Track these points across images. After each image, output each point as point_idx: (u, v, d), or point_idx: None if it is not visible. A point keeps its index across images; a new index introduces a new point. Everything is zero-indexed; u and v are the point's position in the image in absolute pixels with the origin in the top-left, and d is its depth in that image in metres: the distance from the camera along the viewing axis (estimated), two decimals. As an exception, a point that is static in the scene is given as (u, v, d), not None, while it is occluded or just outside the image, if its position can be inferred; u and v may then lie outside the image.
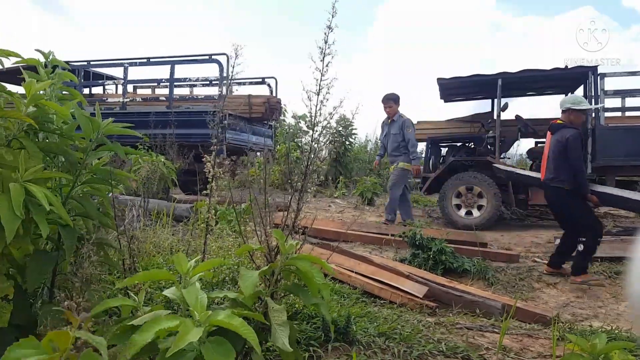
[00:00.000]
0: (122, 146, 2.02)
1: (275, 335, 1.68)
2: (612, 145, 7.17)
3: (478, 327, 3.48)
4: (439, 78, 8.07)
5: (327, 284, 1.83)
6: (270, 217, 2.09)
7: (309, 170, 2.08)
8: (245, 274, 1.81)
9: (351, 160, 13.35)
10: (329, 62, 2.21)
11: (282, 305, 1.78)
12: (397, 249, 5.94)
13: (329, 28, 2.14)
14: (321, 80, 2.21)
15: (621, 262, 5.31)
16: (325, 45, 2.16)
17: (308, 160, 2.08)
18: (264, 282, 1.99)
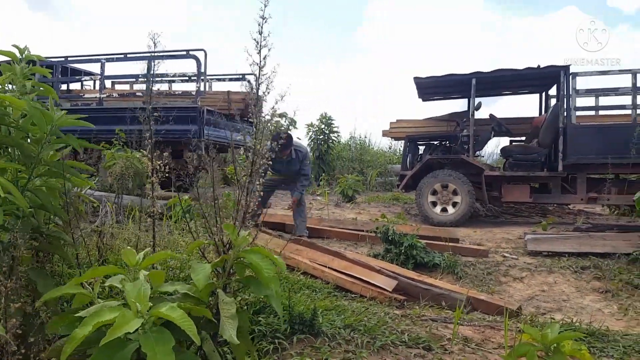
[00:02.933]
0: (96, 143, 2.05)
1: (224, 327, 1.72)
2: (583, 143, 7.33)
3: (442, 319, 3.56)
4: (415, 77, 8.18)
5: (277, 277, 1.88)
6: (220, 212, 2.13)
7: (255, 167, 2.11)
8: (197, 267, 1.85)
9: (334, 158, 13.43)
10: (266, 55, 2.19)
11: (231, 298, 1.82)
12: (372, 244, 6.03)
13: (262, 18, 2.13)
14: (259, 75, 2.20)
15: (588, 257, 5.45)
16: (260, 37, 2.15)
17: (253, 156, 2.11)
18: (216, 276, 2.04)
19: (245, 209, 2.21)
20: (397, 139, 11.25)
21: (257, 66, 2.25)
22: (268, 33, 2.21)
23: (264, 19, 2.19)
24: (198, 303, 1.92)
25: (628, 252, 5.23)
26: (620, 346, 3.11)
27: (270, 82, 2.28)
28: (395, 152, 14.89)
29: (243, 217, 2.21)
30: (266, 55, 2.24)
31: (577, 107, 7.53)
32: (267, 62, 2.25)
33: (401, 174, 8.61)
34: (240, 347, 1.89)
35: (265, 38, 2.21)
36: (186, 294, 1.91)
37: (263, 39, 2.21)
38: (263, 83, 2.28)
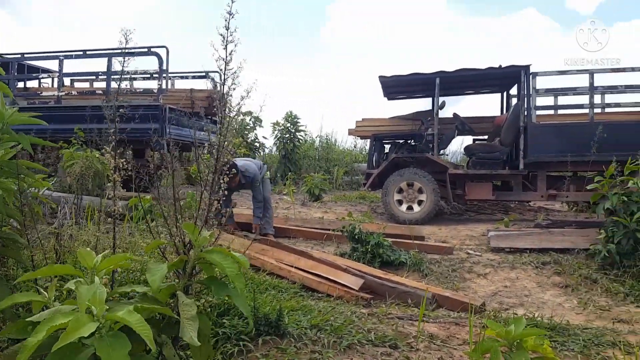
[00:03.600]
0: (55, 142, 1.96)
1: (184, 330, 1.67)
2: (543, 142, 7.50)
3: (409, 317, 3.58)
4: (380, 76, 8.22)
5: (241, 275, 1.83)
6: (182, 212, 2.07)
7: (219, 164, 2.05)
8: (154, 267, 1.79)
9: (300, 157, 13.39)
10: (232, 51, 2.15)
11: (191, 300, 1.77)
12: (338, 243, 6.02)
13: (229, 14, 2.09)
14: (225, 70, 2.16)
15: (548, 253, 5.59)
16: (227, 33, 2.11)
17: (217, 154, 2.06)
18: (177, 277, 1.97)
19: (208, 208, 2.16)
20: (363, 138, 11.31)
21: (223, 61, 2.22)
22: (235, 28, 2.20)
23: (231, 15, 2.18)
24: (158, 304, 1.86)
25: (586, 247, 5.38)
26: (581, 340, 3.18)
27: (236, 77, 2.27)
28: (362, 150, 14.96)
29: (206, 216, 2.15)
30: (232, 50, 2.22)
31: (537, 106, 7.70)
32: (233, 57, 2.24)
33: (367, 173, 8.64)
34: (201, 350, 1.84)
35: (231, 33, 2.20)
36: (145, 296, 1.85)
37: (230, 34, 2.19)
38: (229, 78, 2.26)
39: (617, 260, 4.86)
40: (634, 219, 4.81)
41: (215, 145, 2.23)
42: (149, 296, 1.76)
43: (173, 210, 2.18)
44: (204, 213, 2.14)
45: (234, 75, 2.27)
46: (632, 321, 3.78)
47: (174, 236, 2.08)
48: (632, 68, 7.42)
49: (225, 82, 2.28)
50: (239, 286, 1.83)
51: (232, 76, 2.27)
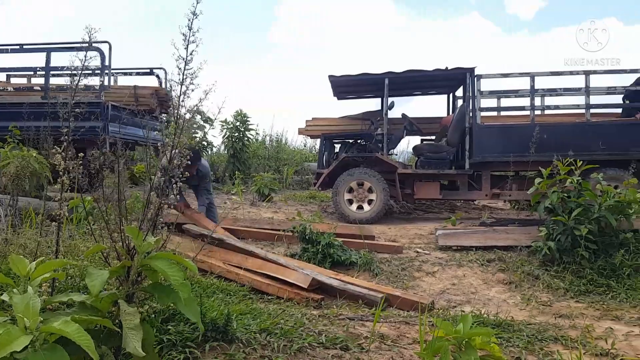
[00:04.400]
0: None
1: (127, 340, 1.58)
2: (487, 142, 7.73)
3: (360, 317, 3.58)
4: (330, 75, 8.23)
5: (186, 283, 1.75)
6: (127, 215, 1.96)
7: (172, 165, 1.97)
8: (94, 273, 1.68)
9: (250, 156, 13.21)
10: (193, 51, 2.10)
11: (134, 308, 1.67)
12: (289, 244, 5.96)
13: (193, 14, 2.04)
14: (185, 70, 2.10)
15: (493, 250, 5.74)
16: (190, 32, 2.06)
17: (170, 154, 1.97)
18: (120, 284, 1.87)
19: (156, 211, 2.06)
20: (313, 137, 11.30)
21: (182, 61, 2.19)
22: (197, 29, 2.18)
23: (195, 15, 2.16)
24: (97, 314, 1.75)
25: (528, 244, 5.57)
26: (525, 335, 3.27)
27: (195, 77, 2.24)
28: (312, 149, 14.95)
29: (154, 219, 2.05)
30: (193, 50, 2.21)
31: (482, 107, 7.93)
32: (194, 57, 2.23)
33: (317, 172, 8.63)
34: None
35: (194, 33, 2.18)
36: (84, 305, 1.73)
37: (192, 34, 2.18)
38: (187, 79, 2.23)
39: (557, 256, 5.05)
40: (572, 216, 5.01)
41: (169, 145, 2.16)
42: (89, 305, 1.65)
43: (117, 212, 2.06)
44: (152, 217, 2.03)
45: (193, 75, 2.24)
46: (572, 316, 3.93)
47: (115, 241, 1.97)
48: (570, 72, 7.77)
49: (183, 82, 2.24)
50: (185, 295, 1.74)
51: (191, 76, 2.24)
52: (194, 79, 2.11)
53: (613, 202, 5.08)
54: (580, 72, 7.63)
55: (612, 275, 4.73)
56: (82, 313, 1.60)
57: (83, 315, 1.55)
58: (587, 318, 3.88)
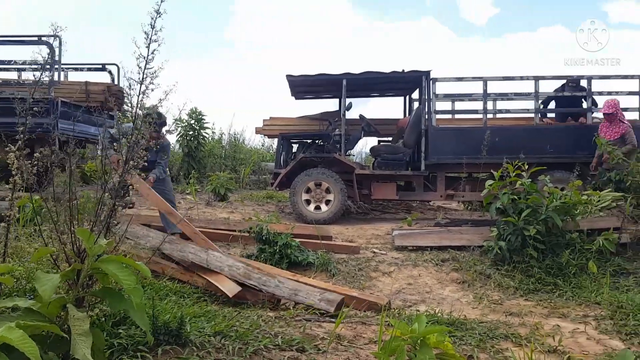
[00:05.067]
0: None
1: (76, 347, 1.51)
2: (442, 144, 7.90)
3: (316, 318, 3.57)
4: (288, 75, 8.21)
5: (138, 288, 1.69)
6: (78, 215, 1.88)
7: (128, 165, 1.90)
8: (43, 277, 1.60)
9: (205, 155, 12.99)
10: (155, 50, 2.05)
11: (83, 313, 1.60)
12: (245, 245, 5.90)
13: (157, 13, 1.98)
14: (145, 69, 2.04)
15: (447, 250, 5.86)
16: (152, 31, 2.00)
17: (127, 155, 1.90)
18: (70, 287, 1.78)
19: (110, 213, 1.98)
20: (271, 137, 11.23)
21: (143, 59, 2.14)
22: (160, 27, 2.14)
23: (159, 14, 2.11)
24: (44, 319, 1.66)
25: (481, 244, 5.71)
26: (477, 333, 3.35)
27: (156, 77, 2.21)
28: (270, 149, 14.87)
29: (107, 222, 1.97)
30: (155, 49, 2.17)
31: (437, 110, 8.09)
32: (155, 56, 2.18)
33: (275, 172, 8.58)
34: (93, 369, 1.67)
35: (156, 32, 2.14)
36: (30, 310, 1.65)
37: (154, 33, 2.13)
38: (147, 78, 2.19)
39: (507, 256, 5.21)
40: (522, 217, 5.18)
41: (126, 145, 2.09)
42: (36, 310, 1.57)
43: (68, 213, 1.97)
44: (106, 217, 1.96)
45: (154, 75, 2.19)
46: (521, 314, 4.05)
47: (64, 243, 1.88)
48: (520, 77, 8.04)
49: (143, 82, 2.18)
50: (136, 300, 1.68)
51: (151, 76, 2.19)
52: (155, 78, 2.05)
53: (559, 204, 5.28)
54: (530, 77, 7.91)
55: (559, 274, 4.91)
56: (28, 318, 1.52)
57: (28, 320, 1.47)
58: (536, 316, 4.01)
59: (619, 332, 3.53)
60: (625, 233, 5.53)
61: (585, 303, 4.31)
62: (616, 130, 7.01)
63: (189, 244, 4.72)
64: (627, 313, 3.78)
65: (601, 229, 5.48)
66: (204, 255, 4.40)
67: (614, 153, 6.57)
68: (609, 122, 7.09)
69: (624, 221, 5.63)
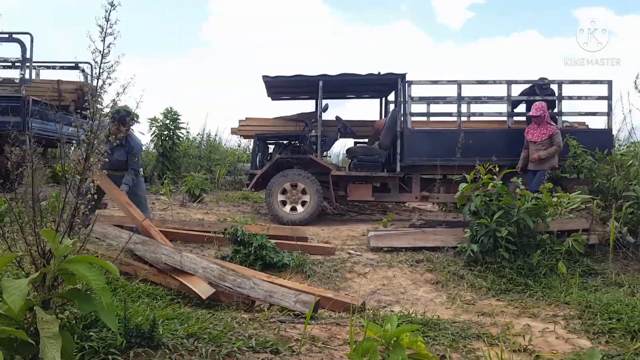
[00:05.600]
0: None
1: (44, 350, 1.47)
2: (417, 146, 7.98)
3: (291, 320, 3.56)
4: (264, 76, 8.18)
5: (107, 288, 1.66)
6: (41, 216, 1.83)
7: (88, 163, 1.86)
8: (10, 285, 1.55)
9: (180, 155, 12.86)
10: (111, 44, 2.01)
11: (52, 316, 1.57)
12: (220, 246, 5.85)
13: (111, 5, 1.95)
14: (101, 63, 2.00)
15: (422, 251, 5.91)
16: (107, 24, 1.97)
17: (87, 152, 1.87)
18: (35, 290, 1.74)
19: (73, 212, 1.94)
20: (246, 137, 11.19)
21: (99, 54, 2.08)
22: (115, 20, 2.09)
23: (113, 6, 2.07)
24: (11, 323, 1.62)
25: (454, 245, 5.78)
26: (450, 333, 3.39)
27: (112, 71, 2.14)
28: (246, 150, 14.79)
29: (71, 222, 1.93)
30: (111, 43, 2.11)
31: (413, 112, 8.16)
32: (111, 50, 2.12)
33: (251, 173, 8.54)
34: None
35: (111, 25, 2.08)
36: (-5, 314, 1.60)
37: (109, 26, 2.08)
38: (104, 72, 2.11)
39: (480, 257, 5.29)
40: (494, 219, 5.26)
41: (85, 142, 2.04)
42: (1, 313, 1.52)
43: (32, 214, 1.93)
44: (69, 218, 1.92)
45: (110, 69, 2.13)
46: (493, 314, 4.11)
47: (30, 245, 1.84)
48: (493, 81, 8.16)
49: (100, 76, 2.13)
50: (106, 300, 1.65)
51: (108, 70, 2.13)
52: (111, 72, 2.01)
53: (530, 205, 5.38)
54: (502, 81, 8.04)
55: (529, 275, 5.01)
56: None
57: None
58: (507, 315, 4.07)
59: (587, 331, 3.61)
60: (593, 234, 5.68)
61: (555, 303, 4.41)
62: (544, 132, 7.28)
63: (162, 246, 4.67)
64: (595, 313, 3.87)
65: (570, 230, 5.62)
66: (178, 257, 4.36)
67: (539, 153, 7.13)
68: (537, 124, 7.34)
69: (593, 223, 5.78)
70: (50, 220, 2.26)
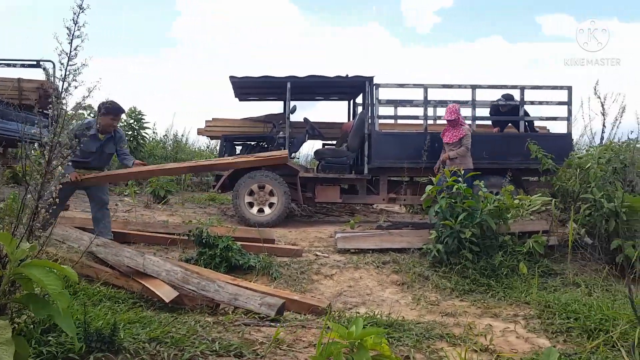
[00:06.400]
0: None
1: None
2: (385, 149, 8.05)
3: (256, 323, 3.53)
4: (231, 76, 8.13)
5: (64, 292, 1.61)
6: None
7: (50, 166, 1.81)
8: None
9: (145, 156, 12.62)
10: (78, 46, 1.97)
11: (5, 321, 1.51)
12: (184, 248, 5.76)
13: (80, 8, 1.91)
14: (68, 65, 1.96)
15: (388, 253, 5.96)
16: (75, 27, 1.93)
17: (49, 155, 1.82)
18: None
19: (33, 216, 1.88)
20: (213, 138, 11.07)
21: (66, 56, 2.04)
22: (83, 23, 2.07)
23: (82, 9, 2.05)
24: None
25: (420, 246, 5.86)
26: (414, 334, 3.43)
27: (79, 74, 2.13)
28: (213, 151, 14.62)
29: (30, 225, 1.87)
30: (78, 45, 2.09)
31: (380, 115, 8.24)
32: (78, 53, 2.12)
33: (217, 174, 8.45)
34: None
35: (79, 28, 2.07)
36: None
37: (77, 29, 2.07)
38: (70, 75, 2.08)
39: (445, 258, 5.37)
40: (458, 221, 5.36)
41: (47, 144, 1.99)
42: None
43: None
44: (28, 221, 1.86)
45: (77, 72, 2.11)
46: (456, 314, 4.18)
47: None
48: (459, 85, 8.32)
49: (66, 79, 2.11)
50: (62, 305, 1.60)
51: (74, 73, 2.11)
52: (77, 75, 1.97)
53: (493, 207, 5.51)
54: (467, 85, 8.21)
55: (492, 275, 5.12)
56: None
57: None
58: (470, 316, 4.15)
59: (546, 330, 3.70)
60: (553, 236, 5.84)
61: (516, 303, 4.51)
62: (456, 134, 7.48)
63: (124, 248, 4.58)
64: (554, 312, 3.98)
65: (531, 231, 5.77)
66: (141, 259, 4.27)
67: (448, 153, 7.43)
68: (451, 127, 7.54)
69: (552, 224, 5.94)
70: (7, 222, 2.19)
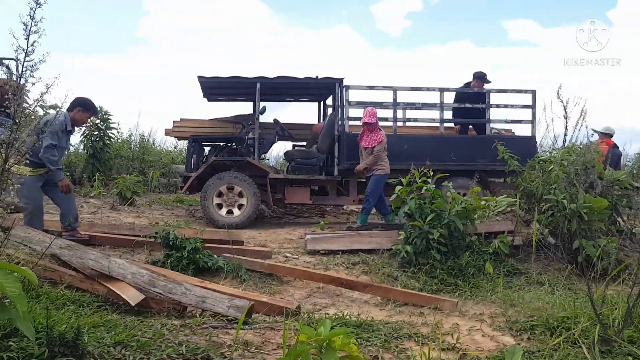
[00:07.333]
0: None
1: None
2: (355, 150, 8.08)
3: (224, 325, 3.50)
4: (199, 76, 8.03)
5: (23, 297, 1.56)
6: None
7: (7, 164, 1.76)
8: None
9: (111, 156, 12.36)
10: (35, 42, 1.92)
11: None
12: (151, 250, 5.66)
13: (36, 3, 1.86)
14: (25, 62, 1.91)
15: (358, 254, 5.99)
16: (31, 22, 1.88)
17: (7, 153, 1.76)
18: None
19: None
20: (181, 139, 10.91)
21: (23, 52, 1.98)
22: (40, 18, 2.04)
23: (38, 4, 2.01)
24: None
25: (389, 247, 5.90)
26: (382, 334, 3.45)
27: (36, 70, 2.09)
28: (181, 151, 14.42)
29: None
30: (35, 41, 2.05)
31: (350, 117, 8.27)
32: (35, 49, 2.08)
33: (185, 175, 8.34)
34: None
35: (36, 23, 2.04)
36: None
37: (34, 24, 2.03)
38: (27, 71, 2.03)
39: (413, 259, 5.43)
40: (427, 221, 5.43)
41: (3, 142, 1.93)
42: None
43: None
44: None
45: (34, 68, 2.07)
46: (424, 314, 4.23)
47: None
48: (427, 88, 8.43)
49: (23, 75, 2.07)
50: (21, 308, 1.55)
51: (31, 69, 2.07)
52: (35, 71, 1.92)
53: (460, 208, 5.60)
54: (435, 88, 8.32)
55: (459, 275, 5.20)
56: None
57: None
58: (437, 315, 4.20)
59: (511, 328, 3.78)
60: (518, 236, 5.97)
61: (482, 302, 4.60)
62: (374, 138, 7.45)
63: (89, 250, 4.47)
64: (518, 311, 4.07)
65: (497, 232, 5.89)
66: (106, 262, 4.17)
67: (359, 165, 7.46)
68: (369, 130, 7.50)
69: (517, 225, 6.07)
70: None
